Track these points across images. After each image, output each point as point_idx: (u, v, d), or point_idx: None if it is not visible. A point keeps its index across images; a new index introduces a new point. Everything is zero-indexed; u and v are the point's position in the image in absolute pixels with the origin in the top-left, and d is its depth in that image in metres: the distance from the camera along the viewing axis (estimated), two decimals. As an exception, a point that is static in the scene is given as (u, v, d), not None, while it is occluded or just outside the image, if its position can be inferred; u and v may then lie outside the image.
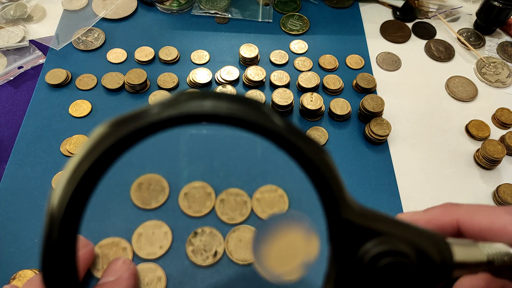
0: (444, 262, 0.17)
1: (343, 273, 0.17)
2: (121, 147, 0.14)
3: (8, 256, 0.36)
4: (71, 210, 0.14)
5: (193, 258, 0.37)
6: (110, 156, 0.14)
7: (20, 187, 0.41)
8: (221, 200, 0.40)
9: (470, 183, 0.44)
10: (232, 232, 0.39)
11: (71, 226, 0.14)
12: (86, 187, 0.14)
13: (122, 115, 0.14)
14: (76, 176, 0.14)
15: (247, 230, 0.39)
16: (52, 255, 0.14)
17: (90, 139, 0.14)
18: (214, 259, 0.37)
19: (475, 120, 0.48)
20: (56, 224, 0.14)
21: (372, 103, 0.46)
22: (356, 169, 0.44)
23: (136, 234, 0.38)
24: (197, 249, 0.38)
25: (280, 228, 0.17)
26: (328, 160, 0.15)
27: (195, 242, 0.38)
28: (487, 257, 0.18)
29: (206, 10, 0.56)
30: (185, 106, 0.14)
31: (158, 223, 0.39)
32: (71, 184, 0.14)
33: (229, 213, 0.40)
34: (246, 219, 0.40)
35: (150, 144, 0.48)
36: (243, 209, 0.40)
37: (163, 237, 0.38)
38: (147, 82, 0.48)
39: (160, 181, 0.41)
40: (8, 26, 0.52)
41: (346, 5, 0.60)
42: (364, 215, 0.16)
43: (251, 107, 0.15)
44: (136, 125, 0.14)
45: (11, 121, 0.45)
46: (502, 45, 0.56)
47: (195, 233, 0.39)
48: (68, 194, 0.14)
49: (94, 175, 0.14)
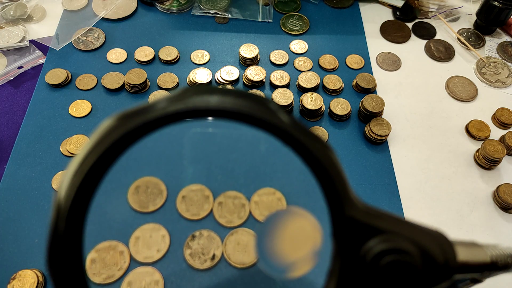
0: (447, 262, 0.17)
1: (346, 270, 0.17)
2: (128, 141, 0.14)
3: (8, 256, 0.36)
4: (78, 202, 0.14)
5: (190, 261, 0.37)
6: (117, 149, 0.14)
7: (20, 187, 0.40)
8: (219, 203, 0.40)
9: (470, 183, 0.44)
10: (230, 235, 0.39)
11: (77, 218, 0.14)
12: (93, 180, 0.14)
13: (129, 109, 0.15)
14: (84, 169, 0.14)
15: (245, 233, 0.39)
16: (58, 247, 0.14)
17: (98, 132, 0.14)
18: (212, 262, 0.37)
19: (475, 120, 0.48)
20: (63, 215, 0.14)
21: (372, 103, 0.46)
22: (356, 169, 0.44)
23: (134, 237, 0.38)
24: (195, 253, 0.38)
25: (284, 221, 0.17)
26: (333, 157, 0.15)
27: (193, 245, 0.38)
28: (490, 258, 0.18)
29: (206, 10, 0.56)
30: (192, 101, 0.14)
31: (155, 226, 0.39)
32: (78, 176, 0.14)
33: (227, 216, 0.39)
34: (244, 222, 0.40)
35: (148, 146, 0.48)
36: (241, 212, 0.40)
37: (160, 241, 0.38)
38: (147, 82, 0.48)
39: (157, 184, 0.41)
40: (8, 26, 0.52)
41: (346, 5, 0.60)
42: (368, 213, 0.16)
43: (257, 103, 0.15)
44: (143, 119, 0.14)
45: (11, 121, 0.45)
46: (502, 45, 0.57)
47: (193, 236, 0.38)
48: (75, 186, 0.14)
49: (101, 168, 0.14)
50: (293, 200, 0.41)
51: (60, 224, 0.14)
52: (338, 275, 0.17)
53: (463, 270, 0.18)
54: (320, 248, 0.18)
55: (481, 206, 0.42)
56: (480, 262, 0.18)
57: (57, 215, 0.14)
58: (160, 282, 0.36)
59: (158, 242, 0.38)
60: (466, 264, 0.18)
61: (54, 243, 0.14)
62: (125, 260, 0.37)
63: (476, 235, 0.41)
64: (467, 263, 0.18)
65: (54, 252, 0.14)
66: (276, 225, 0.17)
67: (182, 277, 0.36)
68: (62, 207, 0.14)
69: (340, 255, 0.16)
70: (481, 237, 0.41)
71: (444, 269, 0.17)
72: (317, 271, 0.37)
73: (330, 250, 0.17)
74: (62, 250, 0.14)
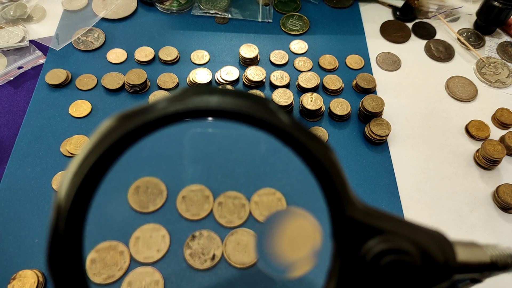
0: (447, 262, 0.17)
1: (346, 270, 0.17)
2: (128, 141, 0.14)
3: (8, 256, 0.36)
4: (78, 202, 0.14)
5: (190, 261, 0.37)
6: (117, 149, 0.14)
7: (20, 187, 0.40)
8: (219, 203, 0.40)
9: (470, 183, 0.44)
10: (230, 235, 0.39)
11: (78, 218, 0.14)
12: (93, 180, 0.14)
13: (129, 109, 0.15)
14: (84, 169, 0.14)
15: (245, 233, 0.39)
16: (58, 247, 0.14)
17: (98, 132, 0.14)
18: (212, 262, 0.37)
19: (475, 120, 0.48)
20: (63, 216, 0.14)
21: (372, 103, 0.46)
22: (356, 169, 0.44)
23: (134, 237, 0.38)
24: (195, 253, 0.38)
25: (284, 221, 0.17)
26: (332, 157, 0.15)
27: (193, 245, 0.38)
28: (490, 258, 0.18)
29: (206, 10, 0.57)
30: (192, 101, 0.14)
31: (156, 226, 0.39)
32: (78, 177, 0.14)
33: (227, 216, 0.40)
34: (244, 222, 0.40)
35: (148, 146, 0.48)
36: (241, 212, 0.40)
37: (160, 241, 0.38)
38: (147, 82, 0.48)
39: (157, 184, 0.41)
40: (8, 26, 0.52)
41: (346, 5, 0.60)
42: (367, 213, 0.16)
43: (257, 103, 0.15)
44: (143, 119, 0.14)
45: (11, 121, 0.45)
46: (502, 45, 0.57)
47: (193, 236, 0.39)
48: (75, 186, 0.14)
49: (101, 168, 0.14)
50: (293, 200, 0.41)
51: (60, 224, 0.14)
52: (338, 275, 0.17)
53: (463, 270, 0.18)
54: (320, 248, 0.18)
55: (481, 206, 0.42)
56: (479, 262, 0.18)
57: (57, 215, 0.14)
58: (160, 282, 0.36)
59: (158, 242, 0.38)
60: (466, 264, 0.18)
61: (54, 243, 0.14)
62: (125, 260, 0.37)
63: (476, 235, 0.41)
64: (467, 263, 0.18)
65: (54, 252, 0.14)
66: (276, 225, 0.17)
67: (182, 277, 0.36)
68: (62, 207, 0.14)
69: (340, 255, 0.17)
70: (481, 237, 0.41)
71: (444, 269, 0.17)
72: (317, 271, 0.37)
73: (330, 250, 0.17)
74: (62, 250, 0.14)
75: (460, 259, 0.18)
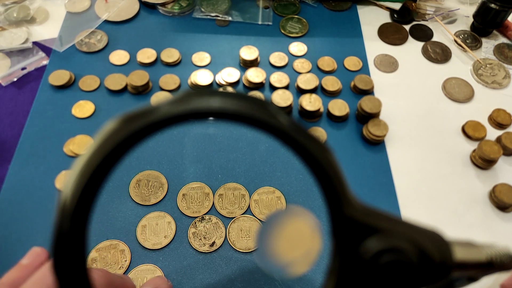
0: (444, 261, 0.17)
1: (345, 269, 0.17)
2: (131, 142, 0.14)
3: (12, 255, 0.37)
4: (83, 201, 0.14)
5: (191, 239, 0.38)
6: (120, 150, 0.14)
7: (23, 187, 0.41)
8: (219, 195, 0.41)
9: (467, 183, 0.45)
10: (232, 222, 0.40)
11: (82, 217, 0.14)
12: (98, 180, 0.14)
13: (132, 111, 0.15)
14: (89, 169, 0.14)
15: (246, 219, 0.40)
16: (63, 246, 0.14)
17: (102, 133, 0.15)
18: (210, 249, 0.38)
19: (472, 120, 0.49)
20: (68, 215, 0.14)
21: (370, 104, 0.47)
22: (354, 169, 0.45)
23: (140, 226, 0.39)
24: (198, 233, 0.39)
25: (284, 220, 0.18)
26: (331, 157, 0.15)
27: (199, 226, 0.39)
28: (486, 257, 0.19)
29: (207, 13, 0.57)
30: (194, 103, 0.15)
31: (160, 214, 0.40)
32: (83, 176, 0.14)
33: (228, 208, 0.40)
34: (245, 212, 0.40)
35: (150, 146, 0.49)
36: (242, 203, 0.41)
37: (167, 227, 0.39)
38: (149, 83, 0.49)
39: (158, 177, 0.42)
40: (11, 28, 0.53)
41: (345, 8, 0.60)
42: (366, 212, 0.17)
43: (257, 105, 0.15)
44: (146, 121, 0.14)
45: (14, 121, 0.46)
46: (499, 47, 0.57)
47: (202, 218, 0.40)
48: (80, 186, 0.14)
49: (105, 168, 0.14)
50: (292, 199, 0.42)
51: (65, 223, 0.14)
52: (337, 274, 0.17)
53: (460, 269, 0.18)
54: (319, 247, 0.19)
55: (477, 206, 0.43)
56: (476, 261, 0.18)
57: (62, 215, 0.14)
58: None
59: (164, 228, 0.39)
60: (463, 263, 0.18)
61: (58, 242, 0.14)
62: (126, 259, 0.37)
63: (472, 234, 0.41)
64: (464, 262, 0.18)
65: (58, 251, 0.15)
66: (276, 224, 0.17)
67: (183, 275, 0.37)
68: (67, 207, 0.14)
69: (339, 254, 0.17)
70: (478, 236, 0.41)
71: (440, 268, 0.17)
72: (316, 270, 0.38)
73: (329, 249, 0.17)
74: (66, 249, 0.15)
75: (457, 258, 0.18)
